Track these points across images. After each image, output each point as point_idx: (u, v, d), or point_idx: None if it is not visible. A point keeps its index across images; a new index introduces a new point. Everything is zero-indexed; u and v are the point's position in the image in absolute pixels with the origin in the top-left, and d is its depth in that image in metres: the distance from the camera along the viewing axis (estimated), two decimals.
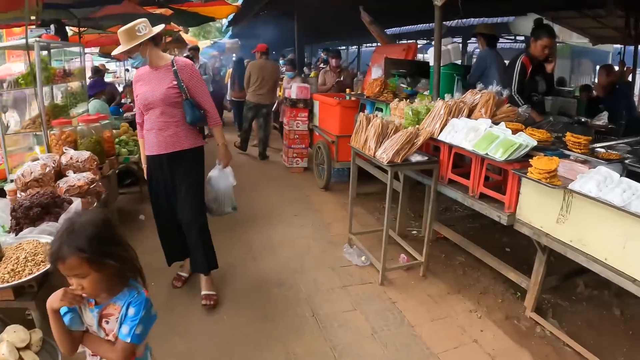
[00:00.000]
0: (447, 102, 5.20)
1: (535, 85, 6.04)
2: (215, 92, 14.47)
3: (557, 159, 4.01)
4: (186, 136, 4.52)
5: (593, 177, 3.78)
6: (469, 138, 4.69)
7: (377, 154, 4.97)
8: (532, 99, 6.03)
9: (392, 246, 6.02)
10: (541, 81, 6.09)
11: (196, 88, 4.45)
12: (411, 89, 7.30)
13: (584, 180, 3.81)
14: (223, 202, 5.00)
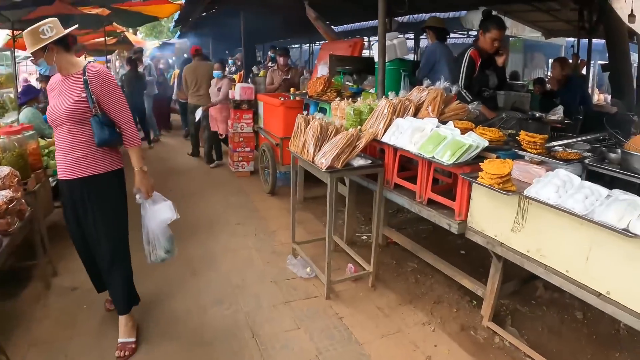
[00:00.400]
0: (391, 101, 4.73)
1: (485, 79, 5.64)
2: (160, 95, 13.85)
3: (510, 162, 3.57)
4: (99, 158, 3.78)
5: (551, 181, 3.38)
6: (415, 139, 4.23)
7: (315, 159, 4.48)
8: (483, 94, 5.64)
9: (340, 254, 5.72)
10: (492, 75, 5.69)
11: (110, 101, 3.71)
12: (357, 87, 6.83)
13: (540, 185, 3.40)
14: (154, 244, 4.12)
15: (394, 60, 6.42)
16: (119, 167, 3.94)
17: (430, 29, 6.76)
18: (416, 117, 4.74)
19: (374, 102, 5.19)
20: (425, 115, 4.64)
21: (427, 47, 6.89)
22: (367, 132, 4.55)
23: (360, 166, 4.49)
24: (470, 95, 5.39)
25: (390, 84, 6.05)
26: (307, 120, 4.81)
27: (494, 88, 5.76)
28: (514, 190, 3.52)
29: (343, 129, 4.66)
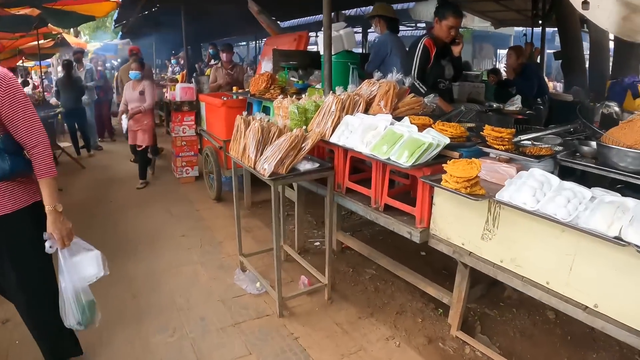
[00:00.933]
0: (339, 97, 4.19)
1: (441, 70, 5.17)
2: (101, 99, 13.04)
3: (477, 162, 3.08)
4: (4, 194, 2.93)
5: (526, 182, 2.95)
6: (367, 139, 3.70)
7: (257, 165, 3.91)
8: (439, 86, 5.16)
9: (292, 265, 5.24)
10: (448, 66, 5.23)
11: (14, 116, 2.78)
12: (302, 83, 6.28)
13: (514, 188, 2.97)
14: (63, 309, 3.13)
15: (341, 52, 5.87)
16: (34, 201, 3.05)
17: (381, 18, 6.22)
18: (367, 113, 4.22)
19: (320, 98, 4.65)
20: (378, 111, 4.13)
21: (377, 38, 6.36)
22: (313, 132, 4.00)
23: (307, 171, 3.94)
24: (424, 87, 4.91)
25: (338, 78, 5.52)
26: (246, 121, 4.23)
27: (449, 79, 5.30)
28: (483, 194, 3.04)
29: (287, 129, 4.11)
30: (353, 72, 5.66)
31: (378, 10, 6.20)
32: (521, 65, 6.87)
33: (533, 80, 6.76)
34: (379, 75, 4.56)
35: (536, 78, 6.85)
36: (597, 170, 3.32)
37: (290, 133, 3.86)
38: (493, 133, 3.43)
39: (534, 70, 7.04)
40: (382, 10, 6.21)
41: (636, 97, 8.66)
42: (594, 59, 9.84)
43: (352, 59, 5.87)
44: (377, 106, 4.15)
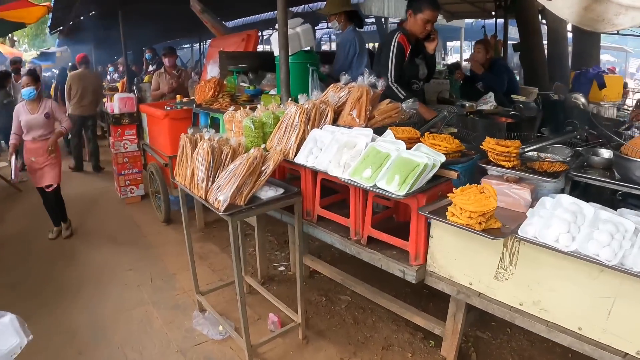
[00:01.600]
0: (302, 106, 3.45)
1: (415, 70, 4.50)
2: None
3: (491, 190, 2.44)
4: None
5: (554, 214, 2.30)
6: (344, 160, 2.98)
7: (209, 196, 3.17)
8: (412, 87, 4.50)
9: (256, 299, 4.46)
10: (422, 65, 4.57)
11: None
12: (254, 88, 5.49)
13: (540, 221, 2.40)
14: None
15: (298, 52, 5.11)
16: None
17: (343, 13, 5.48)
18: (337, 124, 3.51)
19: (278, 108, 3.91)
20: (350, 122, 3.43)
21: (342, 36, 5.61)
22: (274, 151, 3.26)
23: (271, 199, 3.21)
24: (403, 91, 4.23)
25: (296, 82, 4.76)
26: (193, 140, 3.46)
27: (423, 79, 4.64)
28: (499, 228, 2.37)
29: (242, 149, 3.37)
30: (313, 75, 4.91)
31: (340, 5, 5.46)
32: (490, 60, 6.27)
33: (503, 75, 6.17)
34: (346, 79, 3.85)
35: (506, 72, 6.26)
36: (623, 188, 2.77)
37: (247, 155, 3.12)
38: (498, 147, 2.77)
39: (503, 64, 6.46)
40: (343, 4, 5.47)
41: (602, 88, 8.32)
42: (553, 50, 9.53)
43: (311, 59, 5.09)
44: (348, 116, 3.45)
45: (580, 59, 9.55)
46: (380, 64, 4.39)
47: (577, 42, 9.85)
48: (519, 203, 2.70)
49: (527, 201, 2.70)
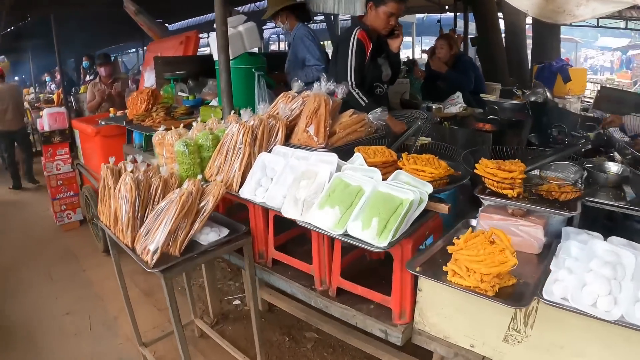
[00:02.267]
0: (246, 123, 2.73)
1: (378, 71, 3.84)
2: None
3: (505, 240, 1.81)
4: None
5: (589, 267, 1.77)
6: (302, 195, 2.28)
7: (137, 243, 2.46)
8: (375, 92, 3.86)
9: (209, 343, 3.80)
10: (385, 65, 3.91)
11: None
12: (194, 98, 4.75)
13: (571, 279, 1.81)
14: None
15: (242, 55, 4.39)
16: None
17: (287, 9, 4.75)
18: (290, 143, 2.83)
19: (218, 124, 3.20)
20: (306, 141, 2.75)
21: (294, 34, 4.86)
22: (215, 183, 2.55)
23: (213, 244, 2.51)
24: (365, 97, 3.58)
25: (240, 91, 4.03)
26: (115, 172, 2.73)
27: (387, 82, 3.99)
28: (513, 284, 1.75)
29: (175, 180, 2.66)
30: (260, 81, 4.20)
31: (278, 3, 4.74)
32: (454, 57, 5.66)
33: (469, 72, 5.58)
34: (299, 86, 3.16)
35: (473, 70, 5.67)
36: None
37: (181, 190, 2.41)
38: (500, 173, 2.14)
39: (469, 61, 5.87)
40: (282, 1, 4.73)
41: (567, 81, 7.90)
42: (511, 44, 9.11)
43: (257, 63, 4.35)
44: (304, 133, 2.76)
45: (541, 51, 9.17)
46: (338, 66, 3.71)
47: (537, 34, 9.48)
48: (530, 244, 2.09)
49: (541, 241, 2.11)
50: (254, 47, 4.46)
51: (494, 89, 6.96)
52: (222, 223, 2.68)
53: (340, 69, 3.62)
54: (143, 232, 2.45)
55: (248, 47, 4.33)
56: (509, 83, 7.96)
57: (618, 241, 1.96)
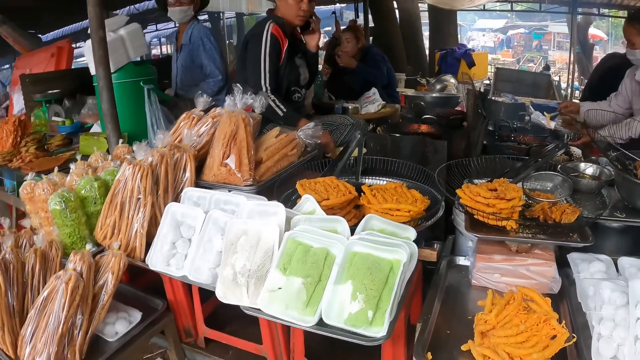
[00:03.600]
0: (142, 164, 2.00)
1: (295, 73, 3.18)
2: None
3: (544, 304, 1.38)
4: None
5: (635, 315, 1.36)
6: (240, 267, 1.59)
7: (21, 350, 1.74)
8: (292, 97, 3.22)
9: None
10: (303, 66, 3.26)
11: None
12: (71, 123, 3.87)
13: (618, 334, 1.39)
14: None
15: (126, 66, 3.56)
16: None
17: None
18: (202, 180, 2.16)
19: (105, 159, 2.45)
20: (225, 178, 2.08)
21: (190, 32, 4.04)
22: (112, 253, 1.82)
23: (123, 340, 1.79)
24: (282, 104, 2.94)
25: (127, 111, 3.21)
26: None
27: (305, 86, 3.36)
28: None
29: (57, 252, 1.91)
30: (151, 97, 3.40)
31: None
32: (362, 50, 5.12)
33: (381, 65, 5.07)
34: (205, 102, 2.46)
35: (383, 63, 5.16)
36: None
37: (65, 272, 1.68)
38: (499, 204, 1.61)
39: (378, 53, 5.34)
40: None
41: (472, 66, 7.68)
42: (407, 32, 8.83)
43: (146, 73, 3.54)
44: (221, 168, 2.08)
45: (439, 38, 8.96)
46: (248, 68, 3.04)
47: (434, 20, 9.27)
48: (545, 286, 1.64)
49: (558, 281, 1.66)
50: (140, 54, 3.66)
51: (399, 80, 6.58)
52: (130, 299, 1.98)
53: (251, 71, 2.94)
54: (26, 333, 1.69)
55: (133, 56, 3.49)
56: (410, 72, 7.68)
57: (631, 262, 1.67)
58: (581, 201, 2.07)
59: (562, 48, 21.64)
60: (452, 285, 1.79)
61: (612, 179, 2.17)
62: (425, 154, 2.52)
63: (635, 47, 2.91)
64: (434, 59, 8.08)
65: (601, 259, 1.72)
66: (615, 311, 1.40)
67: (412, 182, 2.15)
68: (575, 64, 10.88)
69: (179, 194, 2.07)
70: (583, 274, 1.65)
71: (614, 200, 2.09)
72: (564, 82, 11.51)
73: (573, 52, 10.61)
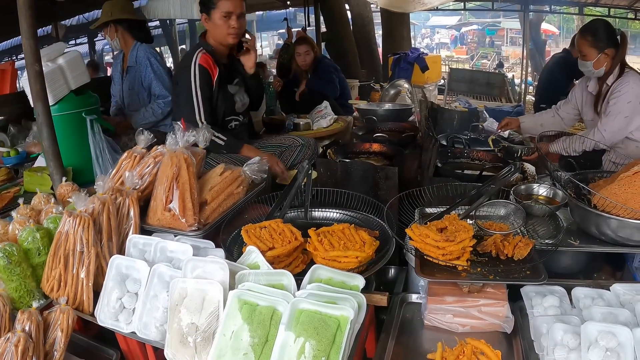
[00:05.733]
0: (82, 215, 1.93)
1: (229, 102, 3.11)
2: None
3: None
4: None
5: None
6: (186, 326, 1.53)
7: None
8: (229, 126, 3.16)
9: None
10: (240, 92, 3.19)
11: None
12: (17, 153, 3.75)
13: None
14: None
15: (66, 97, 3.44)
16: None
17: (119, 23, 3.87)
18: (147, 225, 2.12)
19: (48, 202, 2.38)
20: (169, 223, 2.03)
21: (134, 55, 3.90)
22: (60, 309, 1.75)
23: None
24: (221, 134, 2.90)
25: (70, 146, 3.10)
26: None
27: (243, 113, 3.31)
28: None
29: (5, 307, 1.82)
30: (94, 128, 3.31)
31: (112, 12, 3.84)
32: (314, 60, 5.10)
33: (333, 77, 5.06)
34: (147, 138, 2.41)
35: (336, 74, 5.15)
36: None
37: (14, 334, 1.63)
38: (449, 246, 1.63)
39: (331, 64, 5.34)
40: (119, 12, 3.85)
41: (425, 70, 7.73)
42: (360, 36, 8.88)
43: (89, 103, 3.43)
44: (165, 213, 2.04)
45: (392, 42, 8.99)
46: (180, 104, 2.99)
47: (386, 24, 9.27)
48: (497, 326, 1.65)
49: (510, 320, 1.67)
50: (81, 83, 3.53)
51: (352, 87, 6.57)
52: (83, 350, 1.92)
53: (184, 107, 2.89)
54: None
55: (73, 86, 3.39)
56: (363, 77, 7.71)
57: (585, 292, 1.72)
58: (535, 226, 2.10)
59: (515, 43, 22.18)
60: (405, 324, 1.79)
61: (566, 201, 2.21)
62: (376, 180, 2.52)
63: (587, 58, 2.99)
64: (388, 64, 8.11)
65: (555, 292, 1.74)
66: (567, 354, 1.43)
67: (362, 214, 2.15)
68: (528, 60, 11.10)
69: (124, 240, 2.02)
70: (537, 309, 1.67)
71: (568, 223, 2.15)
72: (518, 77, 11.76)
73: (526, 49, 10.82)
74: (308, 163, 2.31)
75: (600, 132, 2.93)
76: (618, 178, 1.99)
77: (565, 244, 2.02)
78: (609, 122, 2.92)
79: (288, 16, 8.52)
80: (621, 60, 2.98)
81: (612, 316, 1.52)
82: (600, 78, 3.04)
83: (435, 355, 1.44)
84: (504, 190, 2.24)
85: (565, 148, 2.99)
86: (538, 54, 13.25)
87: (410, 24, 10.89)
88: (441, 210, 2.06)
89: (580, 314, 1.61)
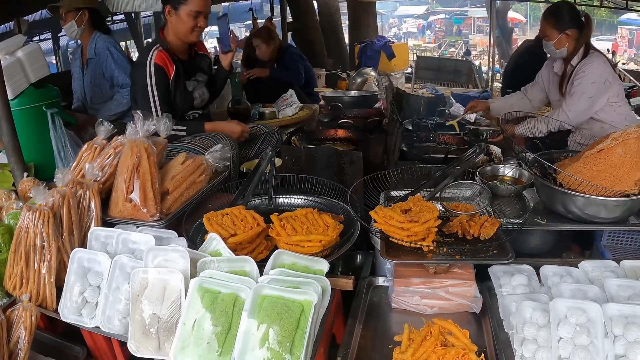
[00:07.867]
0: (41, 208, 1.86)
1: (188, 99, 3.07)
2: None
3: (467, 341, 1.46)
4: None
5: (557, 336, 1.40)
6: (148, 317, 1.51)
7: None
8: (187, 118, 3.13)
9: None
10: (200, 87, 3.14)
11: None
12: None
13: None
14: None
15: (26, 90, 3.36)
16: None
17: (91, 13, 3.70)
18: (109, 217, 2.08)
19: (9, 198, 2.32)
20: (132, 214, 2.00)
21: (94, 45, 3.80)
22: (22, 306, 1.71)
23: None
24: (180, 124, 2.86)
25: (31, 140, 3.05)
26: None
27: (203, 107, 3.27)
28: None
29: None
30: (55, 122, 3.24)
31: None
32: (278, 50, 5.05)
33: (298, 65, 5.01)
34: (107, 129, 2.35)
35: (301, 62, 5.11)
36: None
37: None
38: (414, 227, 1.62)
39: (296, 52, 5.30)
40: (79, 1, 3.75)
41: (392, 58, 7.76)
42: (327, 25, 8.82)
43: (49, 97, 3.35)
44: (126, 204, 2.00)
45: (358, 30, 8.97)
46: (138, 103, 2.93)
47: (353, 13, 9.27)
48: (466, 306, 1.66)
49: (479, 300, 1.68)
50: (41, 76, 3.45)
51: (319, 76, 6.54)
52: (49, 348, 1.90)
53: (142, 106, 2.82)
54: None
55: (33, 79, 3.32)
56: (330, 66, 7.68)
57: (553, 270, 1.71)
58: (501, 207, 2.11)
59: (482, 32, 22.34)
60: (373, 308, 1.79)
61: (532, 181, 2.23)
62: (341, 165, 2.51)
63: (549, 39, 3.02)
64: (354, 52, 8.10)
65: (523, 271, 1.74)
66: (537, 332, 1.43)
67: (327, 199, 2.14)
68: (495, 48, 11.19)
69: (86, 234, 1.98)
70: (505, 288, 1.67)
71: (535, 203, 2.16)
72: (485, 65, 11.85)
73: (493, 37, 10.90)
74: (272, 150, 2.29)
75: (565, 113, 2.95)
76: (583, 156, 2.01)
77: (532, 223, 2.04)
78: (574, 102, 2.95)
79: (254, 7, 8.43)
80: (586, 42, 3.01)
81: (581, 293, 1.53)
82: (565, 59, 3.07)
83: (402, 337, 1.44)
84: (470, 171, 2.24)
85: (530, 129, 3.01)
86: (505, 41, 13.38)
87: (378, 14, 10.90)
88: (406, 193, 2.07)
89: (549, 291, 1.61)
